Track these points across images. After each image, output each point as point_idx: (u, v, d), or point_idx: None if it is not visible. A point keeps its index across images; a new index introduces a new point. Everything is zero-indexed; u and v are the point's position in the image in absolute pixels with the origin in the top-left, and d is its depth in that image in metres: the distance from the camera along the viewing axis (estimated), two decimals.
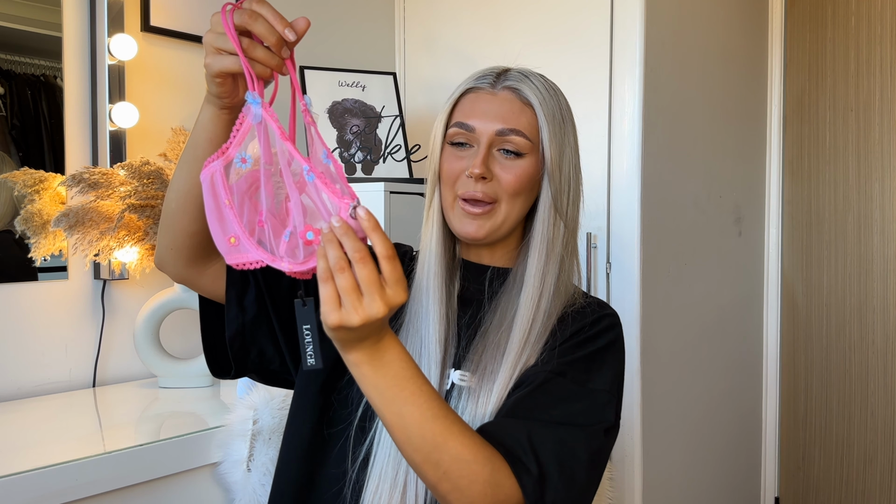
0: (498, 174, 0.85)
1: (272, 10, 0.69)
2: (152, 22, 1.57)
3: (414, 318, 0.87)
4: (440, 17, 1.99)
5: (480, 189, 0.84)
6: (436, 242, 0.88)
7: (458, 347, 0.87)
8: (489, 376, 0.83)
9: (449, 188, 0.87)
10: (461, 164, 0.86)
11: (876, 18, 2.07)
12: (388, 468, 0.82)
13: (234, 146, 0.68)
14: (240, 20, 0.68)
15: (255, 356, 0.93)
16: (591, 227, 1.68)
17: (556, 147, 0.85)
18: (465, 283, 0.91)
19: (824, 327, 2.20)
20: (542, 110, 0.85)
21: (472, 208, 0.85)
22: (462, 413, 0.82)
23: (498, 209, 0.85)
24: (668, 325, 1.78)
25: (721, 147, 2.01)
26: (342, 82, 1.83)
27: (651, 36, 1.63)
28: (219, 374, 0.96)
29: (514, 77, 0.87)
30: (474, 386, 0.83)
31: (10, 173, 1.35)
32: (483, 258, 0.92)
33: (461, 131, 0.86)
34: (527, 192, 0.87)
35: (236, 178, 0.69)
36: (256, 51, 0.69)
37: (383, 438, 0.83)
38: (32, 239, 1.37)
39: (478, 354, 0.85)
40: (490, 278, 0.90)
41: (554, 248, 0.86)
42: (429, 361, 0.85)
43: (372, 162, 1.77)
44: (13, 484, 0.94)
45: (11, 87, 1.40)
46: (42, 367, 1.43)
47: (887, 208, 2.06)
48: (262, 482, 1.13)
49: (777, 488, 2.32)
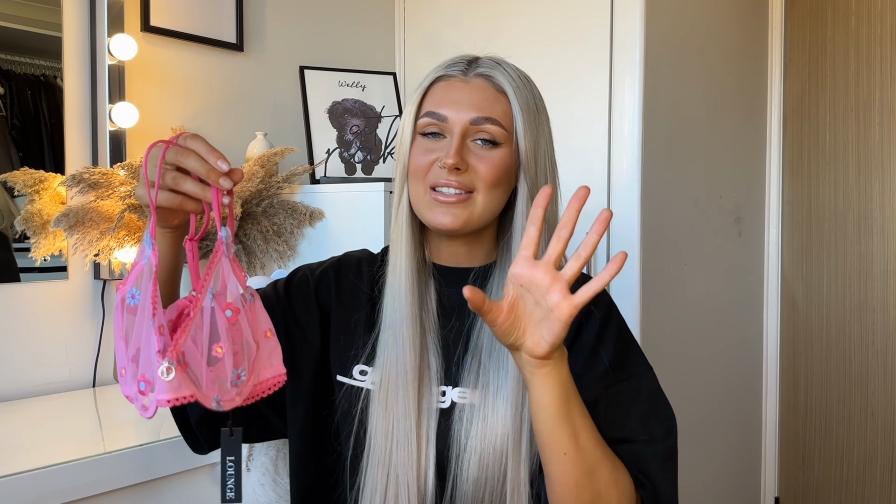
0: (473, 165, 0.80)
1: (205, 144, 0.68)
2: (152, 22, 1.57)
3: (389, 326, 0.84)
4: (440, 17, 1.99)
5: (455, 180, 0.79)
6: (406, 241, 0.84)
7: (447, 361, 0.84)
8: (495, 393, 0.80)
9: (419, 181, 0.82)
10: (432, 156, 0.81)
11: (876, 18, 2.07)
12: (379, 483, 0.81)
13: (129, 282, 0.68)
14: (172, 157, 0.67)
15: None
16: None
17: (530, 137, 0.81)
18: (441, 291, 0.86)
19: (824, 327, 2.20)
20: (517, 98, 0.81)
21: (446, 197, 0.80)
22: (469, 434, 0.80)
23: (474, 200, 0.80)
24: (667, 325, 1.78)
25: (721, 147, 2.01)
26: (342, 82, 1.83)
27: (651, 36, 1.63)
28: (198, 451, 0.91)
29: (487, 64, 0.83)
30: (478, 403, 0.81)
31: (10, 173, 1.35)
32: (460, 259, 0.87)
33: (433, 121, 0.81)
34: (504, 184, 0.82)
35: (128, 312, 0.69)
36: (185, 184, 0.67)
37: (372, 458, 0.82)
38: (32, 239, 1.37)
39: (475, 372, 0.82)
40: (472, 281, 0.86)
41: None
42: (405, 371, 0.81)
43: (372, 162, 1.77)
44: (13, 484, 0.94)
45: (11, 87, 1.40)
46: (42, 367, 1.43)
47: (887, 208, 2.06)
48: (261, 482, 1.13)
49: (777, 488, 2.32)
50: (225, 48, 1.72)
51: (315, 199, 1.67)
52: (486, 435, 0.79)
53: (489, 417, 0.80)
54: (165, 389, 0.63)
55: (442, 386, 0.84)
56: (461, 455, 0.80)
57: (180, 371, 0.63)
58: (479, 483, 0.79)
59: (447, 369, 0.84)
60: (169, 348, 0.64)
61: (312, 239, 1.67)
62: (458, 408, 0.82)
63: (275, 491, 1.13)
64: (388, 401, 0.81)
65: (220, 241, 0.69)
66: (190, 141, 0.68)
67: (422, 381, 0.82)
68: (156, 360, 0.63)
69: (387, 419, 0.81)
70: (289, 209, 1.64)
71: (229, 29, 1.72)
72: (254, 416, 0.90)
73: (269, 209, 1.63)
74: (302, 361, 0.88)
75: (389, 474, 0.80)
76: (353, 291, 0.90)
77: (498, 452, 0.79)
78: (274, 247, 1.63)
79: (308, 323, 0.89)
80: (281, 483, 1.14)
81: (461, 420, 0.81)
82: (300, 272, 0.93)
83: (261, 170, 1.57)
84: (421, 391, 0.81)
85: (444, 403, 0.83)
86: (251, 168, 1.57)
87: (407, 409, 0.80)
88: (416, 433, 0.80)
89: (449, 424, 0.82)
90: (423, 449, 0.80)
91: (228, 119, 1.74)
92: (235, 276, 0.69)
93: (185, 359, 0.65)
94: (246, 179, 1.55)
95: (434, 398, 0.82)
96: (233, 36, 1.73)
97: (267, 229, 1.61)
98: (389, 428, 0.81)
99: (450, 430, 0.81)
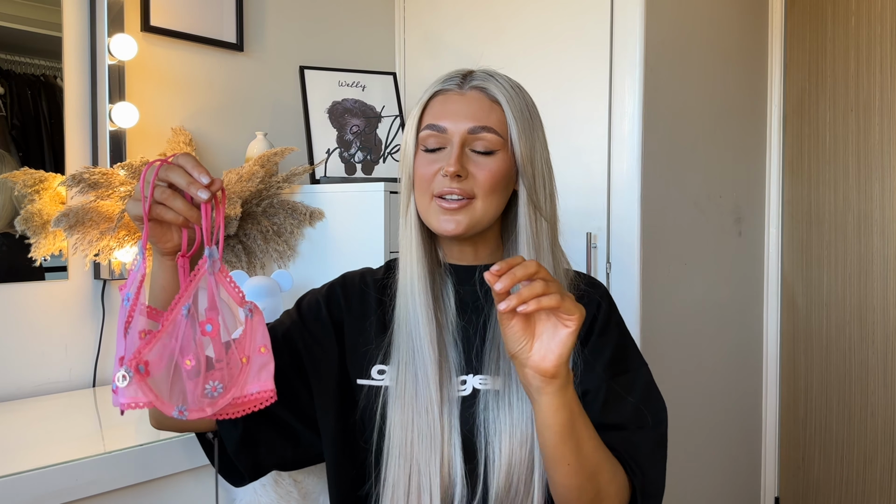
0: (473, 172, 0.86)
1: (192, 160, 0.73)
2: (152, 22, 1.57)
3: (403, 325, 0.88)
4: (440, 17, 1.99)
5: (457, 187, 0.85)
6: (416, 246, 0.89)
7: (467, 353, 0.88)
8: (517, 380, 0.84)
9: (424, 190, 0.88)
10: (435, 166, 0.87)
11: (876, 18, 2.07)
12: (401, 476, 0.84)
13: (127, 286, 0.73)
14: (163, 173, 0.72)
15: (266, 455, 0.92)
16: (591, 227, 1.68)
17: (525, 143, 0.87)
18: (458, 288, 0.92)
19: (824, 327, 2.20)
20: (510, 107, 0.87)
21: (448, 204, 0.86)
22: (497, 419, 0.84)
23: (474, 205, 0.86)
24: (667, 324, 1.78)
25: (721, 147, 2.02)
26: (342, 82, 1.83)
27: (651, 36, 1.63)
28: (238, 483, 0.95)
29: (480, 77, 0.89)
30: (501, 389, 0.85)
31: (10, 173, 1.35)
32: (467, 258, 0.93)
33: (433, 133, 0.87)
34: (502, 189, 0.88)
35: (121, 312, 0.73)
36: (175, 201, 0.72)
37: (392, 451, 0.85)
38: (32, 239, 1.37)
39: (494, 361, 0.87)
40: (480, 278, 0.91)
41: (540, 242, 0.88)
42: (424, 366, 0.85)
43: (372, 162, 1.77)
44: (13, 484, 0.94)
45: (11, 87, 1.40)
46: (42, 367, 1.43)
47: (887, 208, 2.06)
48: (262, 482, 1.13)
49: (777, 488, 2.32)
50: (225, 48, 1.72)
51: (315, 199, 1.67)
52: (512, 419, 0.84)
53: (514, 402, 0.84)
54: (123, 394, 0.68)
55: (462, 375, 0.88)
56: (490, 439, 0.84)
57: (138, 379, 0.68)
58: (510, 467, 0.83)
59: (467, 360, 0.89)
60: (132, 356, 0.68)
61: (312, 239, 1.67)
62: (482, 394, 0.86)
63: (276, 492, 1.13)
64: (405, 395, 0.85)
65: (204, 258, 0.73)
66: (180, 158, 0.73)
67: (442, 374, 0.85)
68: (116, 366, 0.69)
69: (405, 413, 0.85)
70: (289, 209, 1.64)
71: (229, 29, 1.72)
72: (283, 431, 0.92)
73: (269, 209, 1.63)
74: (325, 374, 0.92)
75: (412, 467, 0.83)
76: (362, 298, 0.95)
77: (525, 436, 0.83)
78: (274, 247, 1.63)
79: (324, 337, 0.93)
80: (283, 484, 1.14)
81: (486, 406, 0.85)
82: (308, 295, 0.99)
83: (261, 170, 1.57)
84: (441, 383, 0.85)
85: (466, 391, 0.87)
86: (251, 168, 1.57)
87: (429, 402, 0.84)
88: (438, 424, 0.84)
89: (473, 411, 0.86)
90: (447, 438, 0.84)
91: (228, 119, 1.74)
92: (227, 291, 0.73)
93: (147, 368, 0.69)
94: (246, 179, 1.55)
95: (455, 388, 0.86)
96: (233, 36, 1.73)
97: (267, 229, 1.61)
98: (408, 421, 0.84)
99: (474, 417, 0.86)
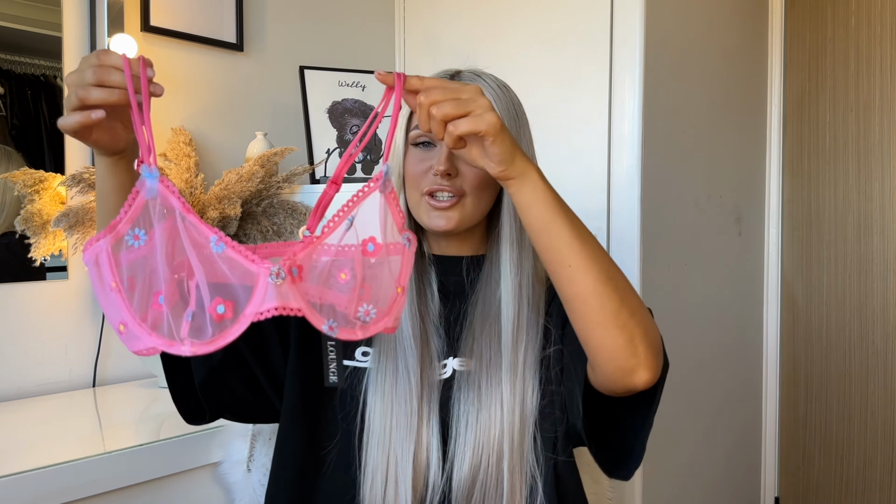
0: (462, 170, 0.88)
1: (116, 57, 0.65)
2: (152, 22, 1.57)
3: None
4: (440, 17, 1.99)
5: (447, 184, 0.87)
6: None
7: (449, 338, 0.90)
8: (490, 363, 0.86)
9: (414, 188, 0.90)
10: (425, 164, 0.89)
11: (876, 18, 2.07)
12: (380, 463, 0.84)
13: (126, 222, 0.61)
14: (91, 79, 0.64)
15: (227, 398, 0.93)
16: (591, 226, 1.66)
17: None
18: (441, 279, 0.94)
19: (824, 327, 2.20)
20: (497, 106, 0.88)
21: (439, 202, 0.88)
22: (467, 401, 0.86)
23: (465, 202, 0.88)
24: (667, 324, 1.78)
25: (721, 147, 2.01)
26: (342, 82, 1.83)
27: (651, 36, 1.63)
28: (192, 420, 0.94)
29: (467, 77, 0.91)
30: (474, 370, 0.86)
31: (11, 173, 1.35)
32: (453, 249, 0.95)
33: (423, 132, 0.88)
34: (491, 186, 0.89)
35: (129, 256, 0.62)
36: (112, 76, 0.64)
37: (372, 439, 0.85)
38: (32, 239, 1.37)
39: (469, 344, 0.88)
40: (466, 268, 0.94)
41: (523, 237, 0.89)
42: (405, 358, 0.86)
43: (372, 162, 1.78)
44: (13, 484, 0.94)
45: (11, 87, 1.40)
46: (42, 367, 1.43)
47: (887, 208, 2.06)
48: (262, 482, 1.13)
49: (777, 488, 2.32)
50: (225, 48, 1.72)
51: (315, 198, 1.66)
52: (480, 401, 0.85)
53: (483, 384, 0.86)
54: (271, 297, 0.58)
55: (444, 359, 0.89)
56: (460, 419, 0.86)
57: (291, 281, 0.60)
58: (477, 446, 0.84)
59: (449, 343, 0.91)
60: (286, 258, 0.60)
61: None
62: (458, 375, 0.88)
63: None
64: (386, 384, 0.86)
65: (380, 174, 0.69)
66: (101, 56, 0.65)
67: (423, 363, 0.87)
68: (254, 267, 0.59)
69: (385, 401, 0.86)
70: (289, 209, 1.64)
71: (229, 29, 1.72)
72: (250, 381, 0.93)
73: (269, 209, 1.63)
74: (303, 346, 0.92)
75: (389, 455, 0.84)
76: None
77: (494, 418, 0.84)
78: None
79: None
80: None
81: (460, 388, 0.87)
82: None
83: (261, 170, 1.57)
84: (422, 371, 0.87)
85: (446, 373, 0.89)
86: (251, 168, 1.57)
87: (408, 392, 0.85)
88: (417, 413, 0.85)
89: (450, 394, 0.88)
90: (425, 422, 0.85)
91: (228, 119, 1.74)
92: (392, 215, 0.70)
93: (301, 273, 0.61)
94: (246, 179, 1.55)
95: (436, 372, 0.88)
96: (233, 36, 1.73)
97: (267, 229, 1.61)
98: (388, 410, 0.85)
99: (450, 399, 0.88)
